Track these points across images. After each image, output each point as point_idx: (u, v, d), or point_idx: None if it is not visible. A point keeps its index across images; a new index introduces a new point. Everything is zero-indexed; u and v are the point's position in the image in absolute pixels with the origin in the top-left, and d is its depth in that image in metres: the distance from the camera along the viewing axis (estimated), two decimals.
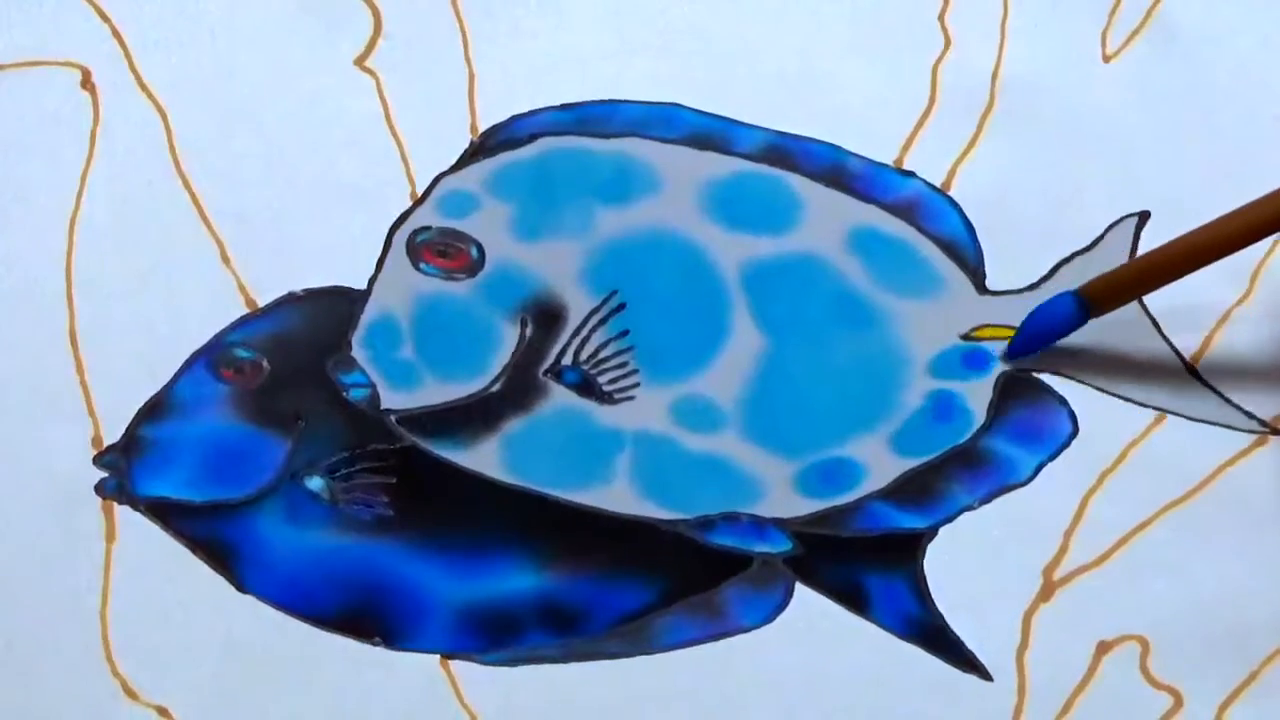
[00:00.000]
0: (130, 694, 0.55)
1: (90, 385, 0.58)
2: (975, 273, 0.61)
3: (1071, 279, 0.60)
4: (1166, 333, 0.60)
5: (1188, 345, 0.60)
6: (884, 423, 0.59)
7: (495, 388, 0.58)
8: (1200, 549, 0.57)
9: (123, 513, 0.57)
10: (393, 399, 0.58)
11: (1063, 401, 0.59)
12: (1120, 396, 0.59)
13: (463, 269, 0.60)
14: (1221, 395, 0.59)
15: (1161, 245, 0.57)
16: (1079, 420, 0.59)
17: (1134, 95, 0.63)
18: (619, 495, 0.57)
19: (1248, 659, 0.56)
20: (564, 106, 0.62)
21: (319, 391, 0.58)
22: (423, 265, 0.60)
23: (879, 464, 0.58)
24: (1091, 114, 0.63)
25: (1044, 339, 0.59)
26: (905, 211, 0.61)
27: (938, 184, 0.62)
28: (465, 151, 0.62)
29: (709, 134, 0.62)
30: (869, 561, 0.57)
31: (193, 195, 0.61)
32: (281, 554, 0.56)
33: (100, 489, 0.57)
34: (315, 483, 0.57)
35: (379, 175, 0.61)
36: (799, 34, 0.64)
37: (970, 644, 0.56)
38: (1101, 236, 0.61)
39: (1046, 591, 0.57)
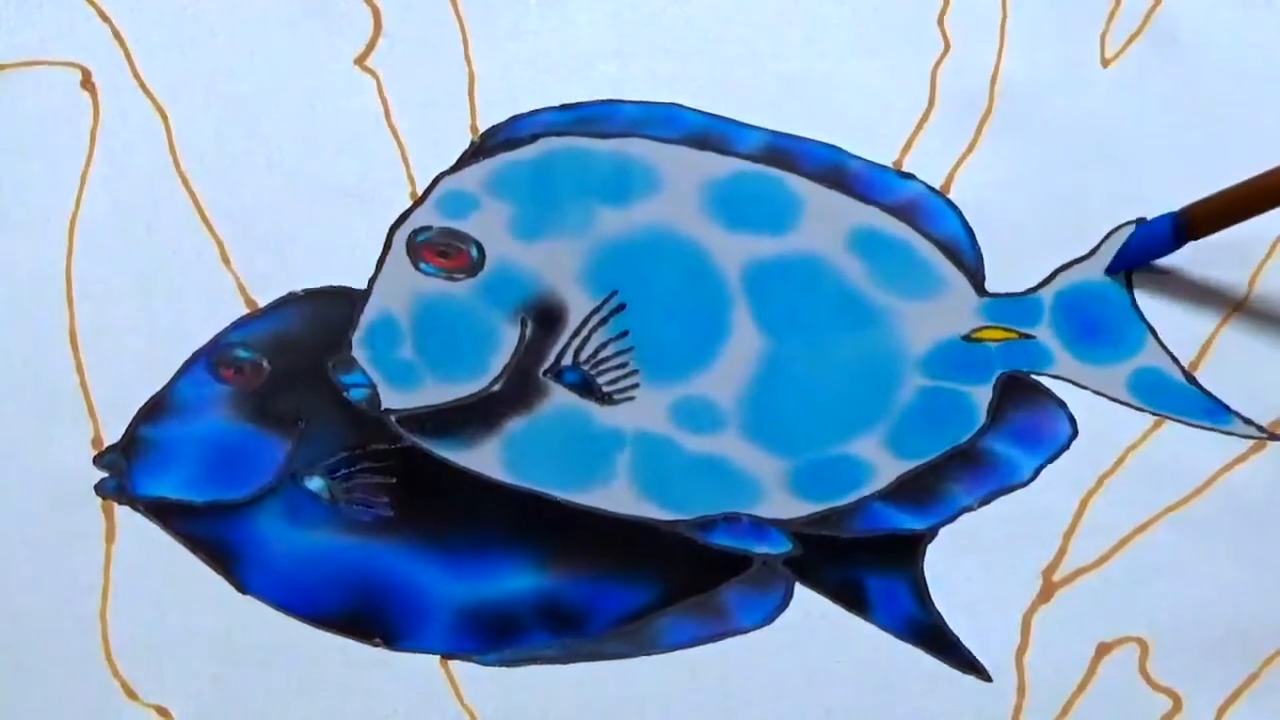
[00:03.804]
0: (130, 694, 0.55)
1: (90, 385, 0.58)
2: (974, 274, 0.61)
3: (1070, 283, 0.60)
4: (1165, 339, 0.60)
5: (1186, 352, 0.60)
6: (884, 422, 0.59)
7: (495, 388, 0.58)
8: (1199, 552, 0.57)
9: (123, 513, 0.57)
10: (393, 399, 0.58)
11: (1062, 404, 0.59)
12: (1119, 401, 0.59)
13: (463, 269, 0.60)
14: (1219, 401, 0.59)
15: (1261, 174, 0.56)
16: (1078, 423, 0.59)
17: (1132, 99, 0.63)
18: (619, 495, 0.57)
19: (1247, 661, 0.56)
20: (564, 106, 0.62)
21: (319, 392, 0.58)
22: (423, 265, 0.60)
23: (879, 464, 0.58)
24: (1090, 118, 0.63)
25: (1142, 257, 0.60)
26: (905, 213, 0.61)
27: (937, 186, 0.62)
28: (465, 151, 0.62)
29: (709, 134, 0.62)
30: (869, 562, 0.57)
31: (193, 195, 0.61)
32: (281, 554, 0.56)
33: (100, 489, 0.57)
34: (315, 483, 0.57)
35: (379, 175, 0.61)
36: (799, 35, 0.64)
37: (970, 645, 0.56)
38: (1101, 242, 0.61)
39: (1046, 593, 0.57)
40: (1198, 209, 0.58)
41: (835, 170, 0.62)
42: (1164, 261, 0.61)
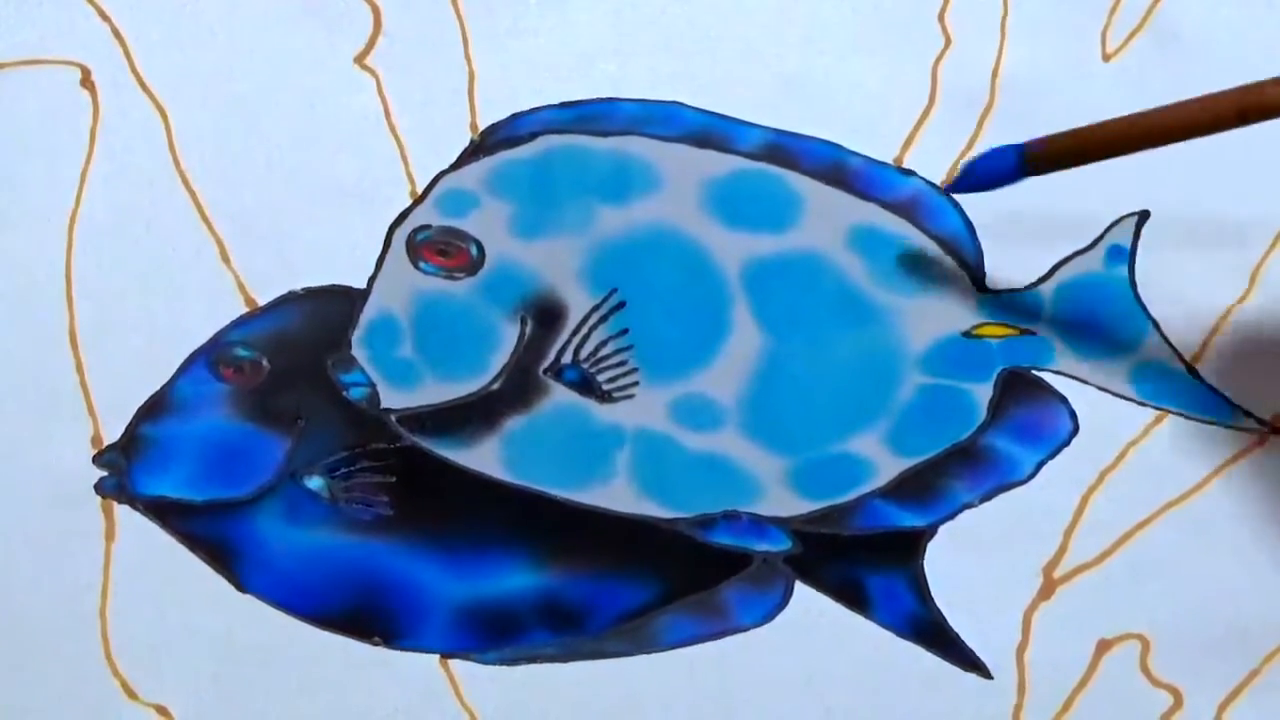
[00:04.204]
0: (130, 693, 0.55)
1: (90, 385, 0.58)
2: (975, 271, 0.61)
3: (1070, 276, 0.60)
4: (1167, 332, 0.60)
5: (1188, 345, 0.60)
6: (884, 420, 0.59)
7: (495, 386, 0.58)
8: (1200, 548, 0.57)
9: (123, 512, 0.57)
10: (392, 398, 0.58)
11: (1063, 400, 0.59)
12: (1121, 396, 0.59)
13: (463, 268, 0.60)
14: (1221, 395, 0.59)
15: (1111, 119, 0.56)
16: (1079, 419, 0.59)
17: (1134, 94, 0.63)
18: (619, 493, 0.57)
19: (1248, 657, 0.56)
20: (564, 105, 0.62)
21: (319, 391, 0.58)
22: (423, 264, 0.60)
23: (879, 461, 0.58)
24: (1091, 113, 0.63)
25: (980, 184, 0.59)
26: (905, 210, 0.61)
27: (938, 182, 0.62)
28: (465, 150, 0.61)
29: (709, 132, 0.62)
30: (869, 560, 0.57)
31: (192, 193, 0.61)
32: (281, 553, 0.56)
33: (100, 488, 0.57)
34: (315, 482, 0.57)
35: (379, 174, 0.61)
36: (799, 32, 0.63)
37: (970, 642, 0.56)
38: (1102, 235, 0.61)
39: (1047, 590, 0.57)
40: (1040, 144, 0.58)
41: (835, 167, 0.61)
42: (1164, 253, 0.60)
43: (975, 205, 0.61)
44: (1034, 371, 0.60)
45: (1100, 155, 0.56)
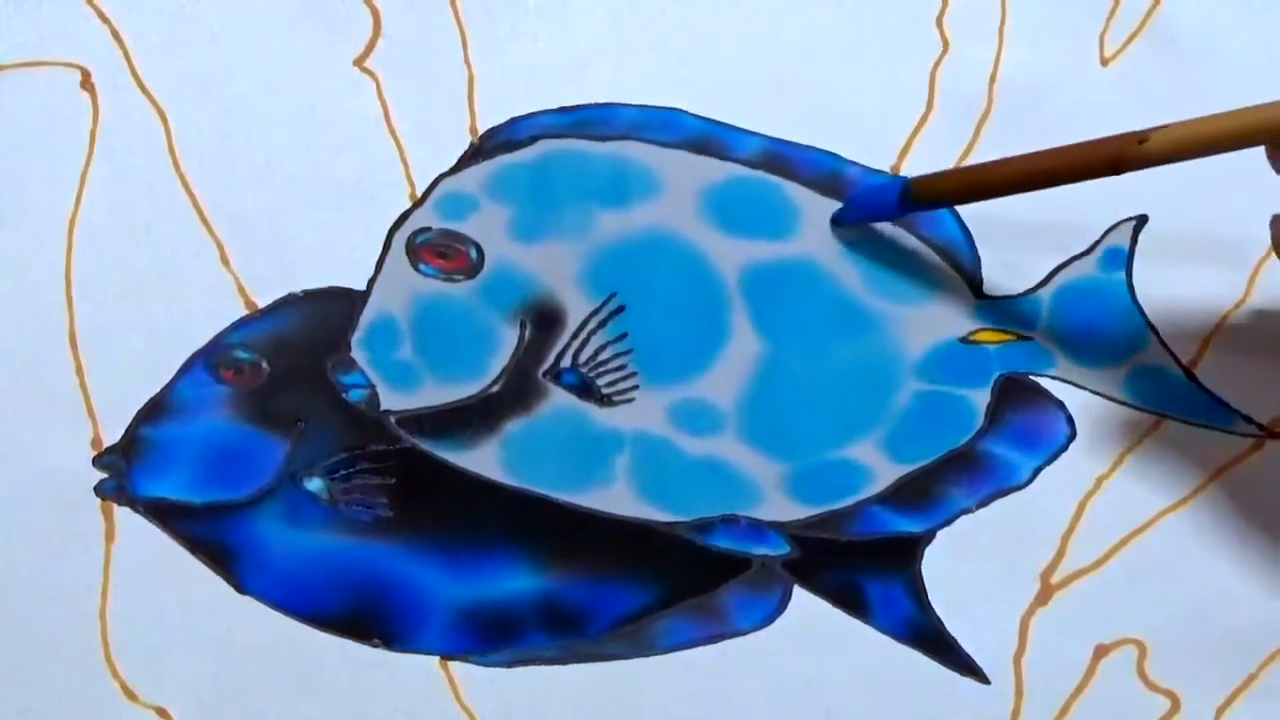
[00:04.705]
0: (129, 694, 0.55)
1: (90, 386, 0.58)
2: (972, 277, 0.61)
3: (1067, 281, 0.60)
4: (1164, 337, 0.60)
5: (1186, 349, 0.60)
6: (881, 426, 0.59)
7: (494, 389, 0.58)
8: (1197, 552, 0.57)
9: (122, 513, 0.57)
10: (392, 400, 0.58)
11: (1061, 405, 0.59)
12: (1118, 401, 0.59)
13: (462, 270, 0.60)
14: (1219, 400, 0.59)
15: (990, 161, 0.57)
16: (1077, 424, 0.59)
17: (1132, 98, 0.63)
18: (618, 497, 0.57)
19: (1245, 662, 0.57)
20: (563, 109, 0.62)
21: (318, 393, 0.58)
22: (422, 266, 0.60)
23: (877, 468, 0.58)
24: (1089, 117, 0.63)
25: (863, 216, 0.60)
26: (902, 217, 0.61)
27: None
28: (465, 153, 0.62)
29: (707, 139, 0.62)
30: (867, 565, 0.57)
31: (192, 196, 0.61)
32: (281, 555, 0.56)
33: (100, 490, 0.57)
34: (315, 484, 0.57)
35: (379, 176, 0.61)
36: (797, 38, 0.64)
37: (968, 647, 0.57)
38: (1100, 240, 0.61)
39: (1044, 595, 0.57)
40: (921, 182, 0.59)
41: (832, 176, 0.62)
42: (1162, 258, 0.61)
43: (972, 211, 0.61)
44: (1031, 377, 0.60)
45: (979, 196, 0.57)
